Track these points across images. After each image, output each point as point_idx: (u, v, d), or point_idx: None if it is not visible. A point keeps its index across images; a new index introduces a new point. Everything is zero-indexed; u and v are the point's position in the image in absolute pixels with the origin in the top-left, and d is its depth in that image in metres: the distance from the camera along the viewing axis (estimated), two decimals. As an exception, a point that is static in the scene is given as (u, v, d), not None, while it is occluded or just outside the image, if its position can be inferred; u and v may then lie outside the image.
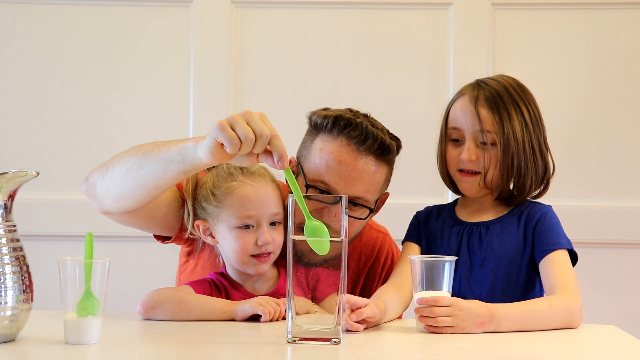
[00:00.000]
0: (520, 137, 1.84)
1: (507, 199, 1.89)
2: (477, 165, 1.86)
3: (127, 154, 1.74)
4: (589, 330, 1.72)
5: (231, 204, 1.80)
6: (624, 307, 2.93)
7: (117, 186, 1.74)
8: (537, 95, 1.93)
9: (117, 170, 1.74)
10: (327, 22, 2.99)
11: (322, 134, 1.88)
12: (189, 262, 2.01)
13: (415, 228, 1.96)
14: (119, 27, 2.99)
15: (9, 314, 1.45)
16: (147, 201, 1.77)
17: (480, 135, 1.85)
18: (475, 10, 2.96)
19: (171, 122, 2.97)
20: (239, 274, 1.86)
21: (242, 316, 1.72)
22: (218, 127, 1.49)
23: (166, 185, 1.70)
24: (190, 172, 1.65)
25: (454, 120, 1.90)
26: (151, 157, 1.67)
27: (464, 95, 1.90)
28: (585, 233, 2.91)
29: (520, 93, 1.89)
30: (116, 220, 1.87)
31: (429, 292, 1.63)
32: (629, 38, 2.97)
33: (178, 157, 1.62)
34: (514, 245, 1.85)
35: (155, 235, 1.96)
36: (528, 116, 1.87)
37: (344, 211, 1.49)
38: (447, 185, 1.96)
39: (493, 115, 1.84)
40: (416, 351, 1.53)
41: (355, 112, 1.91)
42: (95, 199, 1.81)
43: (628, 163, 2.96)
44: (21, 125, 2.98)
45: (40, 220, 2.93)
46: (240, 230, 1.80)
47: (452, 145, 1.90)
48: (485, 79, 1.92)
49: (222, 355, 1.43)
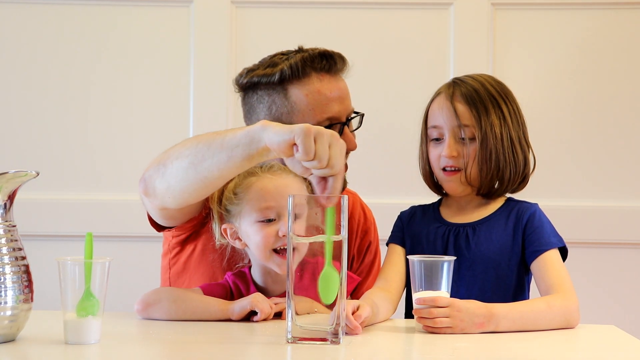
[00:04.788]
0: (499, 131, 1.84)
1: (488, 194, 1.89)
2: (458, 161, 1.86)
3: (184, 147, 1.69)
4: (589, 330, 1.72)
5: (250, 198, 1.79)
6: (624, 307, 2.93)
7: (178, 182, 1.70)
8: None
9: (176, 165, 1.69)
10: (327, 22, 2.99)
11: (292, 83, 1.95)
12: (183, 252, 1.97)
13: (399, 230, 1.94)
14: (119, 27, 2.99)
15: (9, 314, 1.45)
16: (208, 194, 1.75)
17: (459, 130, 1.85)
18: (475, 10, 2.96)
19: (171, 122, 2.97)
20: (264, 277, 1.84)
21: (239, 313, 1.71)
22: (304, 130, 1.48)
23: (229, 174, 1.65)
24: (254, 159, 1.60)
25: (432, 118, 1.90)
26: (215, 145, 1.63)
27: (440, 94, 1.90)
28: (584, 233, 2.91)
29: (498, 88, 1.89)
30: (167, 215, 1.83)
31: (428, 292, 1.63)
32: (628, 38, 2.97)
33: (245, 139, 1.58)
34: (503, 246, 1.84)
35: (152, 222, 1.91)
36: (507, 110, 1.87)
37: (345, 210, 1.49)
38: (430, 186, 1.96)
39: (470, 109, 1.85)
40: (416, 351, 1.54)
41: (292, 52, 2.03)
42: (155, 198, 1.76)
43: (628, 163, 2.96)
44: (21, 125, 2.98)
45: (40, 220, 2.93)
46: (261, 223, 1.78)
47: (433, 145, 1.90)
48: (462, 77, 1.93)
49: (221, 355, 1.43)
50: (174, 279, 1.98)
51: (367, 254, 2.10)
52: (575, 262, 1.92)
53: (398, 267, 1.88)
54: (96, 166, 2.97)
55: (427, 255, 1.67)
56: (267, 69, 1.97)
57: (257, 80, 1.98)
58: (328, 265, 1.48)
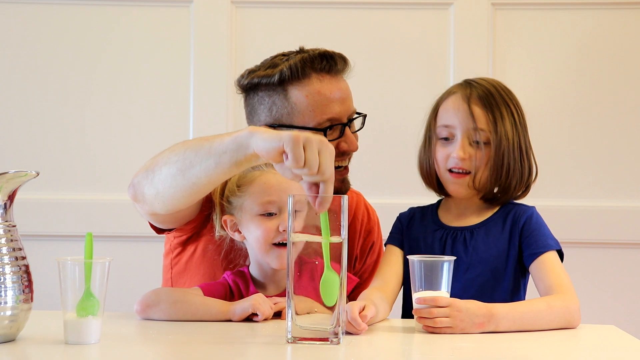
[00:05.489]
0: (512, 137, 1.83)
1: (491, 200, 1.88)
2: (467, 164, 1.84)
3: (172, 153, 1.70)
4: (589, 330, 1.72)
5: (253, 191, 1.80)
6: (624, 307, 2.93)
7: (167, 188, 1.70)
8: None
9: (165, 171, 1.70)
10: (327, 22, 2.99)
11: (292, 84, 1.95)
12: (184, 252, 1.97)
13: (398, 232, 1.94)
14: (119, 27, 2.99)
15: (9, 314, 1.45)
16: (197, 200, 1.75)
17: (474, 133, 1.83)
18: (475, 10, 2.96)
19: (171, 122, 2.97)
20: (263, 273, 1.85)
21: (240, 315, 1.71)
22: (292, 139, 1.48)
23: (218, 180, 1.66)
24: (242, 164, 1.60)
25: (444, 117, 1.87)
26: (202, 151, 1.63)
27: (455, 94, 1.88)
28: (584, 233, 2.91)
29: (509, 94, 1.88)
30: (158, 220, 1.84)
31: (428, 292, 1.63)
32: (628, 38, 2.97)
33: (232, 145, 1.58)
34: (500, 249, 1.84)
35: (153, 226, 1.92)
36: (517, 117, 1.86)
37: (345, 211, 1.49)
38: (430, 185, 1.93)
39: (487, 113, 1.83)
40: (416, 351, 1.53)
41: (293, 52, 2.02)
42: (144, 203, 1.76)
43: (629, 163, 2.96)
44: (21, 125, 2.98)
45: (40, 220, 2.93)
46: (262, 217, 1.79)
47: (441, 144, 1.88)
48: (473, 79, 1.91)
49: (221, 355, 1.43)
50: (175, 278, 1.98)
51: (370, 254, 2.10)
52: (575, 262, 1.92)
53: (395, 268, 1.88)
54: (96, 166, 2.97)
55: (427, 255, 1.67)
56: (268, 69, 1.97)
57: (258, 81, 1.98)
58: (327, 269, 1.48)
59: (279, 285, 1.85)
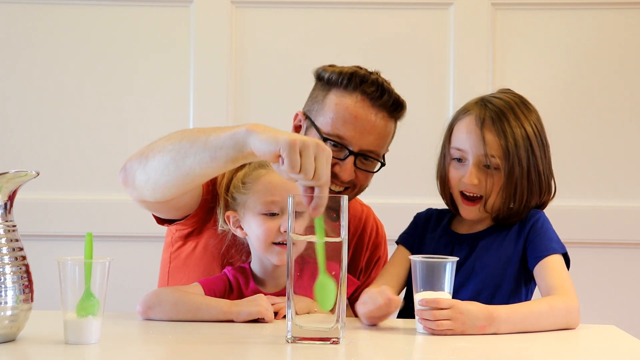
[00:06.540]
0: (525, 164, 1.81)
1: (504, 219, 1.85)
2: (479, 189, 1.82)
3: (168, 142, 1.70)
4: (589, 330, 1.72)
5: (257, 189, 1.81)
6: (624, 307, 2.93)
7: (159, 176, 1.70)
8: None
9: (158, 159, 1.70)
10: (327, 22, 2.99)
11: (336, 89, 1.95)
12: (185, 246, 1.97)
13: (412, 235, 1.94)
14: (119, 27, 2.99)
15: (9, 314, 1.45)
16: (189, 190, 1.75)
17: (485, 159, 1.81)
18: (475, 10, 2.96)
19: (171, 122, 2.97)
20: (263, 270, 1.86)
21: (246, 319, 1.70)
22: (289, 144, 1.48)
23: (212, 173, 1.67)
24: (239, 161, 1.61)
25: (457, 140, 1.85)
26: (198, 143, 1.63)
27: (469, 115, 1.85)
28: (585, 233, 2.91)
29: (526, 112, 1.84)
30: (147, 207, 1.84)
31: (430, 293, 1.63)
32: (628, 38, 2.97)
33: (230, 142, 1.59)
34: (504, 253, 1.83)
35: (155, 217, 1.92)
36: (535, 140, 1.82)
37: (345, 211, 1.49)
38: (447, 203, 1.92)
39: (499, 140, 1.80)
40: (416, 351, 1.53)
41: (367, 70, 1.99)
42: (134, 189, 1.77)
43: (629, 163, 2.96)
44: (21, 125, 2.98)
45: (40, 220, 2.93)
46: (264, 216, 1.80)
47: (454, 165, 1.86)
48: (490, 97, 1.87)
49: (222, 355, 1.43)
50: (172, 273, 1.98)
51: (375, 268, 2.10)
52: (575, 262, 1.91)
53: (400, 269, 1.88)
54: (96, 166, 2.97)
55: (429, 256, 1.66)
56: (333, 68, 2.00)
57: (320, 73, 2.01)
58: (322, 274, 1.48)
59: (278, 283, 1.85)
